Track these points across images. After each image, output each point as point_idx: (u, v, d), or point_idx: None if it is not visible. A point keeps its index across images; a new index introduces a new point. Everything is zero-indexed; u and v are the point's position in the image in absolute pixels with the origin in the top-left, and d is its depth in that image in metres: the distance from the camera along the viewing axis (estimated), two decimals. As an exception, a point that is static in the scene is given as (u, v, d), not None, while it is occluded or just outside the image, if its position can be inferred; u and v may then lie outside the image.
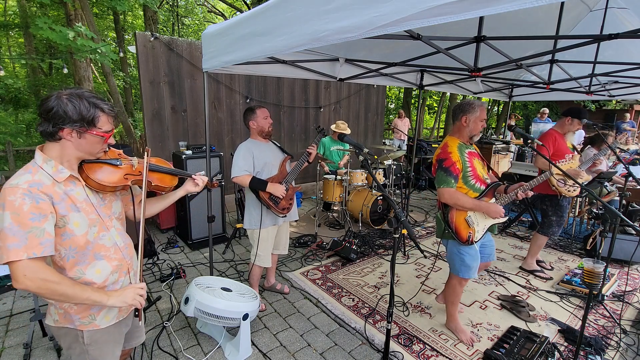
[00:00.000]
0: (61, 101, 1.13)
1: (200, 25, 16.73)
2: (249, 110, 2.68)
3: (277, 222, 2.78)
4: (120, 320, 1.40)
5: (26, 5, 10.44)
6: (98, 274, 1.28)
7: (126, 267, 1.40)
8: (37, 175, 1.13)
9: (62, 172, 1.18)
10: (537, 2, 1.01)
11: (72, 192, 1.21)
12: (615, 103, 14.28)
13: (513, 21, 2.86)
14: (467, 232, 2.25)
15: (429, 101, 20.33)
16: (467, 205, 2.20)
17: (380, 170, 5.18)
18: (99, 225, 1.28)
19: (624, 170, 3.03)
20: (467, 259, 2.30)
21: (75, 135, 1.17)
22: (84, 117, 1.16)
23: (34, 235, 1.08)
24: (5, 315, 2.71)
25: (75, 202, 1.21)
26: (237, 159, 2.58)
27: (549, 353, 2.30)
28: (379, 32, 1.30)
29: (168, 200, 1.60)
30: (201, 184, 1.61)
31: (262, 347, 2.42)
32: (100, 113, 1.20)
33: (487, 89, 4.94)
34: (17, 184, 1.09)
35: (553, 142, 3.20)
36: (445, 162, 2.22)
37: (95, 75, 10.51)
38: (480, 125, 2.28)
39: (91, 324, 1.30)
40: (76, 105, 1.14)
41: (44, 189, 1.12)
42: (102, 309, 1.32)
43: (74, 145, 1.19)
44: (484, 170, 2.40)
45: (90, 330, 1.30)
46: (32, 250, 1.07)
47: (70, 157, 1.21)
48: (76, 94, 1.17)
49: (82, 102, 1.16)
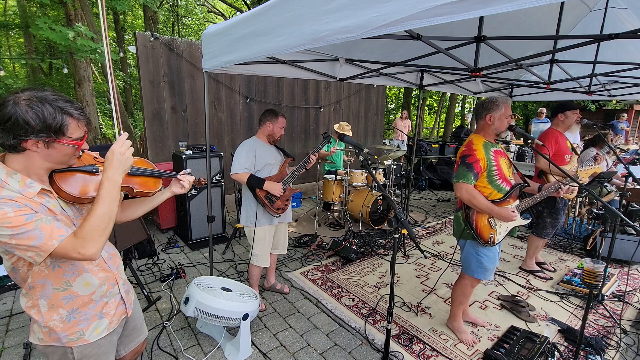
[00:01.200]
0: (19, 108, 0.96)
1: (200, 25, 16.74)
2: (272, 112, 2.71)
3: (272, 221, 2.78)
4: (112, 330, 1.33)
5: (26, 5, 10.44)
6: (87, 286, 1.22)
7: (113, 278, 1.32)
8: (4, 193, 0.97)
9: (31, 187, 1.03)
10: (537, 2, 1.01)
11: (47, 204, 1.08)
12: (615, 103, 14.29)
13: (513, 21, 2.86)
14: (489, 233, 2.21)
15: (429, 101, 20.35)
16: (481, 205, 2.15)
17: (380, 170, 5.18)
18: None
19: (624, 170, 3.02)
20: (485, 261, 2.27)
21: (42, 146, 1.01)
22: (50, 125, 0.99)
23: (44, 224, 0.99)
24: (5, 315, 2.71)
25: (54, 213, 1.09)
26: (239, 156, 2.59)
27: (549, 353, 2.30)
28: (379, 32, 1.30)
29: (152, 203, 1.46)
30: (187, 185, 1.47)
31: (262, 347, 2.42)
32: (69, 119, 1.03)
33: (487, 89, 4.94)
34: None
35: (555, 141, 3.17)
36: (469, 158, 2.16)
37: (95, 75, 10.51)
38: (507, 121, 2.22)
39: (80, 339, 1.22)
40: (38, 112, 0.97)
41: (16, 199, 0.98)
42: (91, 323, 1.24)
43: (41, 157, 1.03)
44: (510, 170, 2.33)
45: (80, 346, 1.22)
46: (58, 233, 1.00)
47: (38, 169, 1.06)
48: (37, 97, 0.99)
49: (46, 108, 0.98)
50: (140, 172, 1.35)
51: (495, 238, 2.23)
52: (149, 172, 1.38)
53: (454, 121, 16.88)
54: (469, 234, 2.26)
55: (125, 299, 1.39)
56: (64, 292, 1.17)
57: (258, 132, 2.76)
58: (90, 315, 1.24)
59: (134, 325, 1.51)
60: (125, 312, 1.41)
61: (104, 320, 1.28)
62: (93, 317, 1.25)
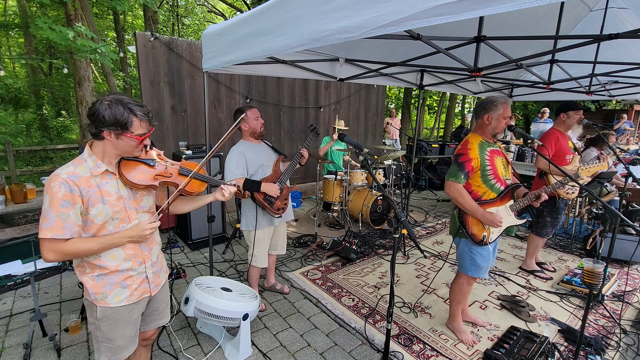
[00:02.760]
0: (102, 106, 1.28)
1: (200, 25, 16.73)
2: (238, 111, 2.52)
3: (273, 222, 2.77)
4: (132, 303, 1.49)
5: (26, 5, 10.44)
6: (112, 259, 1.42)
7: (142, 257, 1.50)
8: (79, 167, 1.32)
9: (99, 167, 1.35)
10: (537, 2, 1.01)
11: (105, 185, 1.36)
12: (615, 103, 14.29)
13: (513, 21, 2.86)
14: (482, 233, 2.22)
15: (429, 101, 20.34)
16: (467, 205, 2.17)
17: (380, 170, 5.18)
18: (121, 217, 1.41)
19: (624, 170, 3.02)
20: (479, 259, 2.28)
21: (113, 137, 1.32)
22: (119, 121, 1.29)
23: (61, 219, 1.26)
24: (5, 315, 2.71)
25: (104, 194, 1.35)
26: (230, 164, 2.52)
27: (549, 353, 2.30)
28: (379, 32, 1.30)
29: (197, 204, 1.73)
30: (227, 195, 1.68)
31: (262, 347, 2.42)
32: (134, 118, 1.32)
33: (487, 89, 4.94)
34: (60, 173, 1.28)
35: (555, 141, 3.15)
36: (461, 157, 2.18)
37: (95, 75, 10.52)
38: (504, 122, 2.22)
39: (103, 300, 1.42)
40: (113, 110, 1.28)
41: (78, 181, 1.28)
42: (114, 289, 1.44)
43: (112, 145, 1.34)
44: (506, 171, 2.32)
45: (102, 307, 1.43)
46: (56, 232, 1.25)
47: (110, 154, 1.37)
48: (117, 99, 1.30)
49: (119, 108, 1.29)
50: (189, 174, 1.54)
51: (489, 238, 2.24)
52: (197, 176, 1.57)
53: (454, 121, 16.88)
54: (462, 233, 2.27)
55: (150, 279, 1.55)
56: (96, 261, 1.40)
57: (242, 135, 2.69)
58: (114, 281, 1.44)
59: (155, 307, 1.66)
60: (149, 291, 1.57)
61: (125, 290, 1.47)
62: (116, 284, 1.44)
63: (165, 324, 1.81)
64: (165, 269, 1.70)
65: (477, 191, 2.23)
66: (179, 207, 1.71)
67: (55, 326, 2.59)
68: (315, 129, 2.90)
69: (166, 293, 1.73)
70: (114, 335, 1.47)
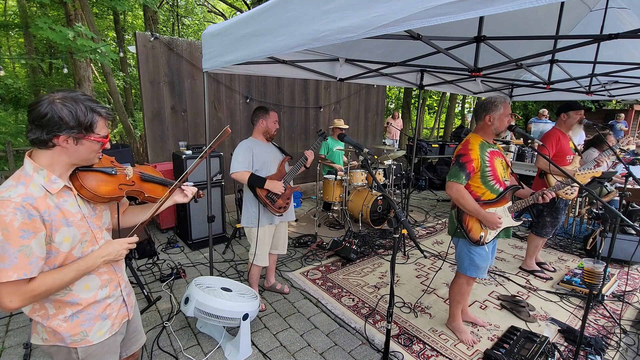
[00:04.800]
0: (55, 106, 1.04)
1: (200, 25, 16.73)
2: (262, 109, 2.70)
3: (273, 221, 2.78)
4: (114, 333, 1.34)
5: (26, 5, 10.43)
6: (87, 289, 1.22)
7: (117, 280, 1.34)
8: (30, 187, 1.06)
9: (55, 183, 1.11)
10: (537, 2, 1.01)
11: (64, 204, 1.14)
12: (615, 103, 14.29)
13: (513, 21, 2.86)
14: (480, 233, 2.22)
15: (429, 101, 20.33)
16: (468, 206, 2.17)
17: (380, 170, 5.18)
18: (89, 239, 1.21)
19: (624, 170, 3.02)
20: (477, 259, 2.28)
21: (72, 142, 1.09)
22: (81, 122, 1.08)
23: (24, 254, 1.01)
24: (5, 315, 2.71)
25: (66, 215, 1.13)
26: (237, 155, 2.60)
27: (549, 353, 2.30)
28: (379, 32, 1.30)
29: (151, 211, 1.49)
30: (189, 195, 1.53)
31: (262, 347, 2.42)
32: (98, 117, 1.13)
33: (487, 89, 4.94)
34: (9, 197, 1.01)
35: (556, 142, 3.15)
36: (462, 158, 2.18)
37: (95, 75, 10.52)
38: (507, 120, 2.22)
39: (83, 340, 1.24)
40: (72, 110, 1.06)
41: (36, 203, 1.04)
42: (94, 324, 1.25)
43: (69, 153, 1.11)
44: (506, 172, 2.33)
45: (83, 347, 1.24)
46: (22, 271, 1.01)
47: (62, 165, 1.13)
48: (70, 97, 1.08)
49: (79, 106, 1.08)
50: (152, 179, 1.43)
51: (486, 238, 2.24)
52: (159, 180, 1.47)
53: (454, 121, 16.86)
54: (460, 233, 2.27)
55: (127, 301, 1.41)
56: (65, 297, 1.18)
57: (253, 131, 2.75)
58: (93, 315, 1.25)
59: (134, 328, 1.52)
60: (127, 314, 1.42)
61: (106, 322, 1.30)
62: (96, 317, 1.26)
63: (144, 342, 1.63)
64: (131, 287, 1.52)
65: (476, 192, 2.24)
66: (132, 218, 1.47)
67: (55, 326, 2.58)
68: (323, 134, 2.91)
69: (137, 310, 1.57)
70: None
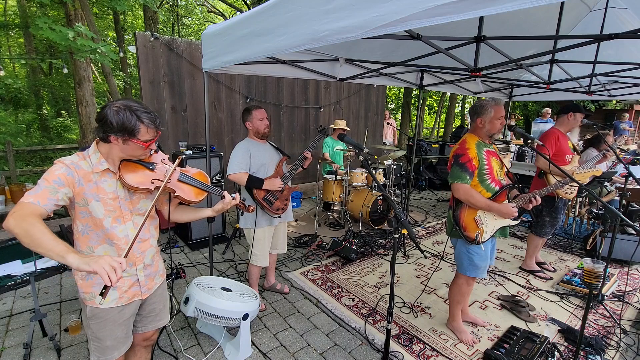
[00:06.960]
0: (110, 111, 1.29)
1: (200, 25, 16.72)
2: (245, 111, 2.69)
3: (272, 222, 2.77)
4: (121, 305, 1.49)
5: (26, 5, 10.43)
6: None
7: (132, 259, 1.49)
8: (82, 161, 1.36)
9: (102, 165, 1.37)
10: (537, 2, 1.01)
11: (103, 183, 1.38)
12: (615, 103, 14.29)
13: (513, 21, 2.86)
14: (475, 232, 2.23)
15: (429, 101, 20.32)
16: (480, 204, 2.17)
17: (380, 170, 5.18)
18: (113, 216, 1.41)
19: (624, 170, 3.02)
20: (476, 259, 2.28)
21: (120, 142, 1.33)
22: (126, 128, 1.30)
23: (49, 191, 1.23)
24: (5, 315, 2.71)
25: (99, 192, 1.37)
26: (234, 157, 2.58)
27: (549, 353, 2.30)
28: (379, 32, 1.30)
29: (196, 215, 1.73)
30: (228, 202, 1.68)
31: (262, 347, 2.42)
32: (140, 125, 1.33)
33: (487, 89, 4.94)
34: (64, 159, 1.33)
35: (555, 141, 3.15)
36: (462, 158, 2.19)
37: (95, 75, 10.51)
38: (499, 123, 2.24)
39: (91, 300, 1.44)
40: (121, 116, 1.29)
41: (80, 171, 1.32)
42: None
43: (119, 149, 1.36)
44: (501, 171, 2.35)
45: (91, 306, 1.45)
46: (38, 199, 1.21)
47: (114, 155, 1.39)
48: (125, 105, 1.31)
49: (126, 114, 1.29)
50: (188, 181, 1.56)
51: (482, 237, 2.25)
52: (196, 184, 1.58)
53: (454, 121, 16.87)
54: (456, 232, 2.28)
55: (142, 282, 1.54)
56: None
57: (248, 133, 2.74)
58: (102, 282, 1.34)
59: (151, 309, 1.65)
60: (140, 294, 1.55)
61: (114, 292, 1.46)
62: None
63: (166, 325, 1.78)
64: (161, 272, 1.68)
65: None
66: (177, 216, 1.71)
67: (55, 326, 2.59)
68: (323, 129, 2.89)
69: (162, 294, 1.71)
70: (103, 335, 1.48)
